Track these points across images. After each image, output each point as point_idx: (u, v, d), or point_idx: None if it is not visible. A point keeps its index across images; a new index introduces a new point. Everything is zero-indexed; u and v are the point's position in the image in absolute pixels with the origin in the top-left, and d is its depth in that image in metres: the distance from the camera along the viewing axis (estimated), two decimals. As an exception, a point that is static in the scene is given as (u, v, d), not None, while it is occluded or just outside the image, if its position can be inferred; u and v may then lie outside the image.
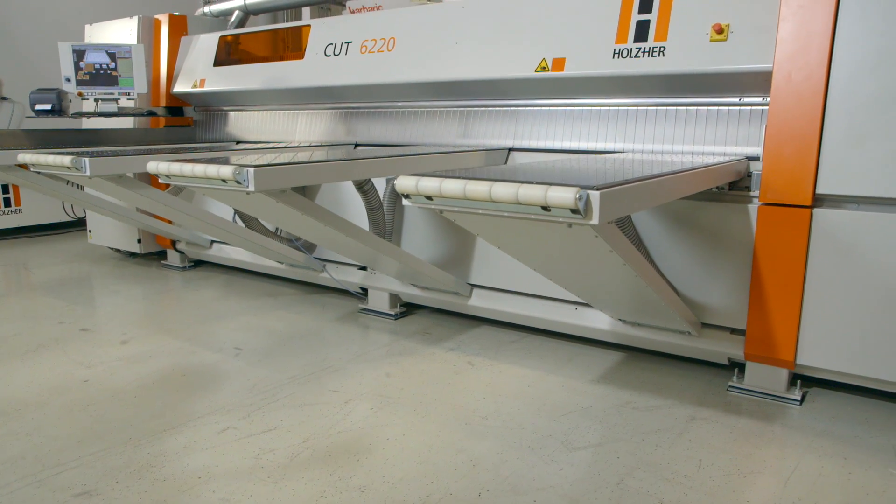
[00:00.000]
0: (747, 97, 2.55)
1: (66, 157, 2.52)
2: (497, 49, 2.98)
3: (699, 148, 2.68)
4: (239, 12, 4.38)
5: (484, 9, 3.07)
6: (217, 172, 1.96)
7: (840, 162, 2.20)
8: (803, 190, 2.25)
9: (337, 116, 3.73)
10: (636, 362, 2.80)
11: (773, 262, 2.33)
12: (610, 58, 2.67)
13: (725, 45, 2.45)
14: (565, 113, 2.97)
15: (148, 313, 3.54)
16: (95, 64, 3.75)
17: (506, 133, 3.14)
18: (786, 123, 2.26)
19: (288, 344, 3.04)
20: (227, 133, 4.27)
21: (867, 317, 2.21)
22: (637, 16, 2.64)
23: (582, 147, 2.92)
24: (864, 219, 2.18)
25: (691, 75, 2.53)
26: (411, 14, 3.29)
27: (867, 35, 2.12)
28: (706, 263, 2.55)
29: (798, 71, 2.23)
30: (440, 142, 3.34)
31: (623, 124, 2.84)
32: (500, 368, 2.74)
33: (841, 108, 2.18)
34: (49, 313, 3.51)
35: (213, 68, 4.09)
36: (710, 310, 2.57)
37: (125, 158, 2.59)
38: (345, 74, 3.45)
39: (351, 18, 3.52)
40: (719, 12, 2.49)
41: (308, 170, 2.08)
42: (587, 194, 1.32)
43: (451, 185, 1.47)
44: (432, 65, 3.16)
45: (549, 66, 2.81)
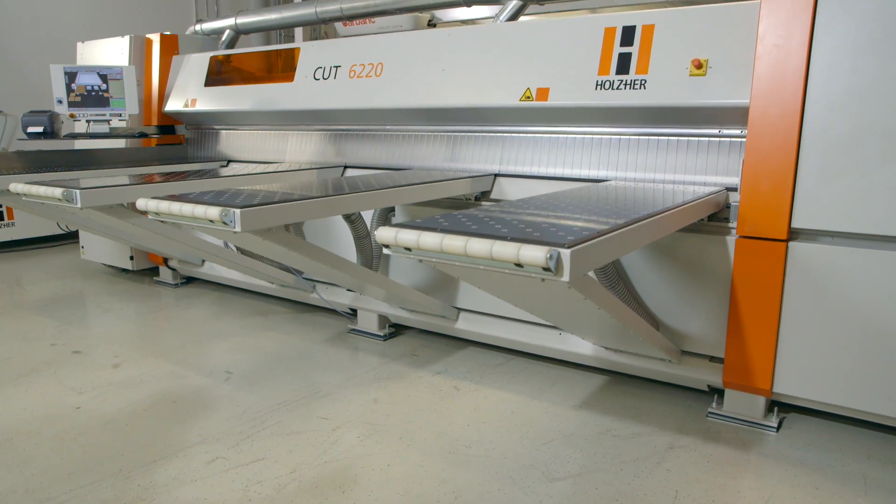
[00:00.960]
0: (726, 129, 2.61)
1: (56, 189, 2.56)
2: (482, 77, 3.03)
3: (680, 177, 2.74)
4: (230, 32, 4.42)
5: (469, 37, 3.12)
6: (204, 213, 2.00)
7: (814, 197, 2.25)
8: (779, 224, 2.31)
9: (327, 137, 3.78)
10: (618, 386, 2.86)
11: (751, 293, 2.38)
12: (593, 89, 2.73)
13: (704, 80, 2.51)
14: (550, 140, 3.02)
15: (140, 334, 3.58)
16: (87, 85, 3.78)
17: (492, 158, 3.19)
18: (762, 159, 2.31)
19: (278, 367, 3.09)
20: (218, 151, 4.31)
21: (841, 348, 2.26)
22: (619, 48, 2.70)
23: (567, 174, 2.98)
24: (837, 253, 2.24)
25: (672, 108, 2.59)
26: (398, 40, 3.34)
27: (840, 75, 2.18)
28: (686, 293, 2.60)
29: (773, 108, 2.29)
30: (428, 164, 3.39)
31: (607, 152, 2.89)
32: (486, 393, 2.79)
33: (815, 145, 2.24)
34: (42, 334, 3.55)
35: (204, 88, 4.13)
36: (690, 338, 2.63)
37: (116, 190, 2.63)
38: (334, 98, 3.49)
39: (340, 43, 3.57)
40: (698, 48, 2.54)
41: (293, 208, 2.13)
42: (557, 253, 1.37)
43: (429, 238, 1.52)
44: (419, 91, 3.21)
45: (533, 96, 2.86)
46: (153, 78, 4.36)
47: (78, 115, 3.77)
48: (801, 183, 2.27)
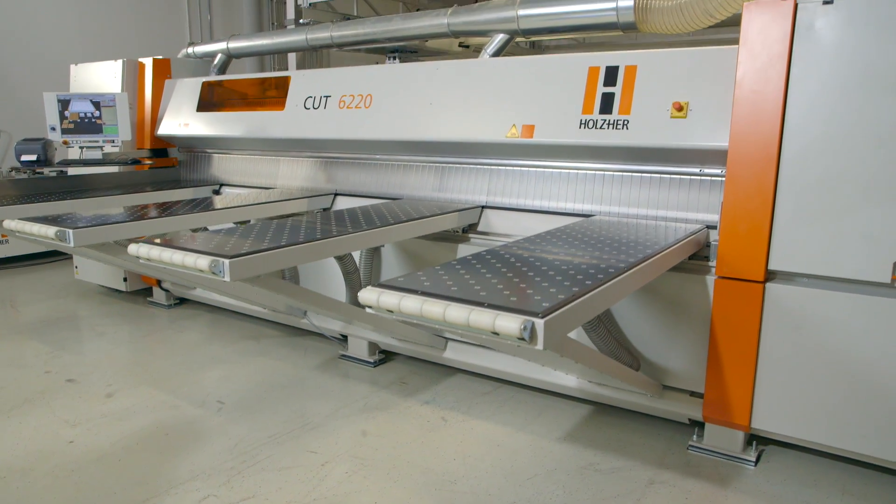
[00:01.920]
0: (707, 168, 2.67)
1: (50, 228, 2.60)
2: (469, 112, 3.08)
3: (663, 213, 2.80)
4: (222, 55, 4.46)
5: (456, 71, 3.17)
6: (194, 263, 2.05)
7: (790, 240, 2.31)
8: (756, 266, 2.37)
9: (318, 164, 3.83)
10: (603, 417, 2.92)
11: (729, 332, 2.44)
12: (577, 127, 2.78)
13: (685, 122, 2.57)
14: (536, 173, 3.08)
15: (133, 359, 3.62)
16: (80, 112, 3.82)
17: (479, 189, 3.25)
18: (740, 202, 2.37)
19: (269, 396, 3.14)
20: (210, 175, 4.35)
21: (817, 387, 2.33)
22: (603, 88, 2.75)
23: (553, 207, 3.03)
24: (813, 295, 2.30)
25: (654, 149, 2.65)
26: (387, 72, 3.39)
27: (815, 122, 2.24)
28: (667, 329, 2.66)
29: (751, 152, 2.35)
30: (417, 193, 3.44)
31: (591, 186, 2.95)
32: (472, 425, 2.85)
33: (791, 190, 2.30)
34: (36, 360, 3.59)
35: (197, 113, 4.17)
36: (671, 373, 2.69)
37: (108, 228, 2.67)
38: (324, 128, 3.54)
39: (330, 72, 3.62)
40: (679, 89, 2.60)
41: (282, 255, 2.18)
42: (531, 324, 1.43)
43: (409, 302, 1.57)
44: (408, 124, 3.26)
45: (518, 133, 2.91)
46: (146, 101, 4.40)
47: (71, 141, 3.81)
48: (778, 226, 2.33)
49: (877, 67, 2.14)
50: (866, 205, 2.18)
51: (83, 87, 4.53)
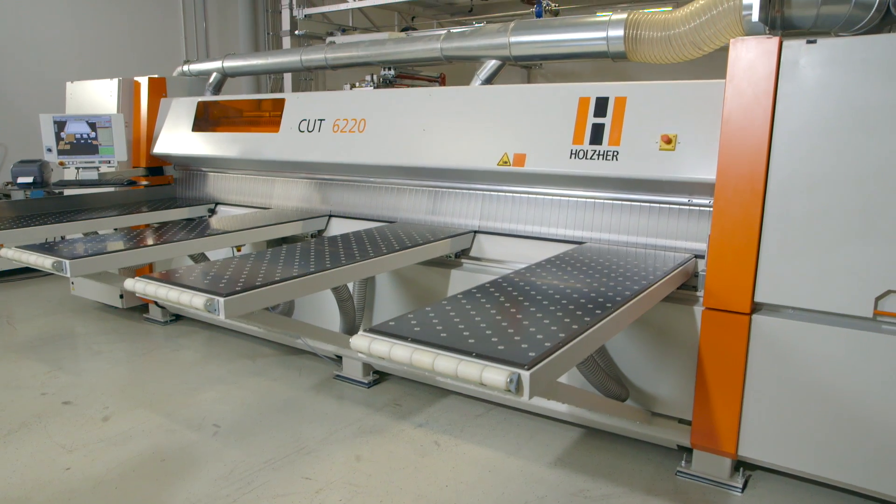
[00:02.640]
0: (695, 199, 2.71)
1: (47, 259, 2.64)
2: (461, 139, 3.12)
3: (652, 240, 2.84)
4: (217, 74, 4.49)
5: (448, 98, 3.21)
6: (190, 301, 2.09)
7: (776, 274, 2.36)
8: (743, 298, 2.41)
9: (312, 185, 3.86)
10: (593, 441, 2.96)
11: (716, 361, 2.49)
12: (568, 157, 2.82)
13: (673, 155, 2.61)
14: (528, 199, 3.12)
15: (130, 380, 3.65)
16: (76, 134, 3.85)
17: (472, 213, 3.29)
18: (727, 235, 2.41)
19: (264, 419, 3.17)
20: (206, 193, 4.38)
21: (803, 418, 2.37)
22: (593, 118, 2.79)
23: (544, 233, 3.07)
24: (798, 328, 2.34)
25: (643, 180, 2.69)
26: (381, 97, 3.43)
27: (799, 158, 2.28)
28: (656, 358, 2.70)
29: (737, 186, 2.39)
30: (411, 216, 3.48)
31: (582, 213, 2.99)
32: (465, 450, 2.89)
33: (776, 224, 2.34)
34: (32, 382, 3.62)
35: (192, 133, 4.20)
36: (659, 400, 2.73)
37: (104, 258, 2.71)
38: (318, 151, 3.58)
39: (324, 96, 3.65)
40: (668, 122, 2.65)
41: (276, 291, 2.22)
42: (518, 376, 1.47)
43: (400, 351, 1.61)
44: (401, 149, 3.29)
45: (510, 161, 2.95)
46: (142, 120, 4.42)
47: (67, 162, 3.84)
48: (764, 259, 2.38)
49: (858, 107, 2.19)
50: (849, 241, 2.23)
51: (79, 104, 4.55)
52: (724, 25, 2.64)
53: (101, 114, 3.89)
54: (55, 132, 3.81)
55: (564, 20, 3.09)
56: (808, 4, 2.46)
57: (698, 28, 2.68)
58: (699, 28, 2.68)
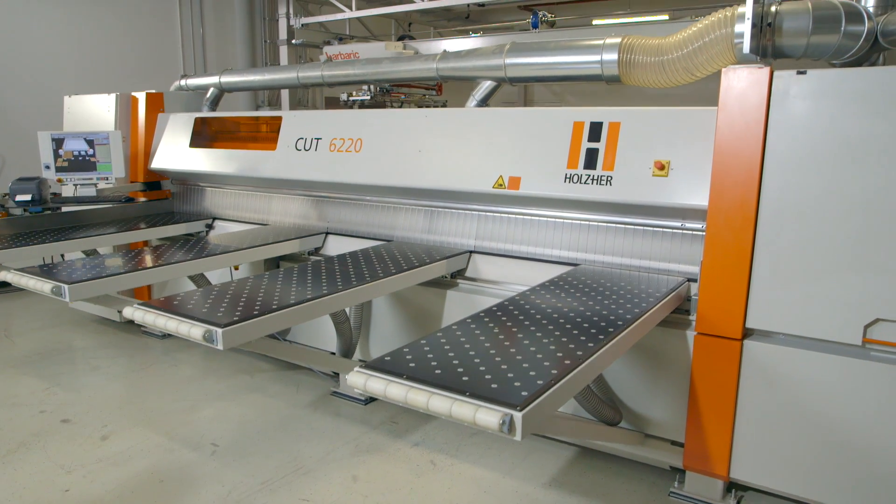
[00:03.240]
0: (688, 223, 2.75)
1: (46, 284, 2.66)
2: (457, 161, 3.15)
3: (646, 263, 2.88)
4: (214, 90, 4.51)
5: (444, 119, 3.24)
6: (188, 332, 2.11)
7: (767, 300, 2.39)
8: (734, 324, 2.45)
9: (309, 202, 3.89)
10: (587, 460, 2.99)
11: (708, 386, 2.52)
12: (562, 181, 2.85)
13: (666, 181, 2.64)
14: (523, 220, 3.15)
15: (128, 397, 3.67)
16: (74, 151, 3.87)
17: (468, 232, 3.31)
18: (719, 262, 2.45)
19: (262, 437, 3.20)
20: (203, 208, 4.41)
21: (793, 441, 2.41)
22: (587, 143, 2.82)
23: (539, 254, 3.11)
24: (789, 353, 2.38)
25: (636, 205, 2.72)
26: (377, 117, 3.45)
27: (790, 187, 2.31)
28: (649, 380, 2.74)
29: (729, 213, 2.42)
30: (407, 234, 3.51)
31: (577, 234, 3.02)
32: (460, 469, 2.92)
33: (767, 251, 2.37)
34: (30, 399, 3.64)
35: (190, 148, 4.22)
36: (653, 422, 2.76)
37: (103, 282, 2.73)
38: (315, 170, 3.60)
39: (321, 114, 3.68)
40: (661, 148, 2.68)
41: (274, 319, 2.24)
42: (510, 417, 1.50)
43: (395, 390, 1.64)
44: (397, 170, 3.32)
45: (505, 184, 2.98)
46: (139, 135, 4.44)
47: (65, 179, 3.86)
48: (755, 286, 2.41)
49: (846, 138, 2.22)
50: (838, 269, 2.26)
51: (76, 118, 4.57)
52: (716, 52, 2.67)
53: (98, 131, 3.92)
54: (53, 149, 3.83)
55: (559, 43, 3.12)
56: (799, 34, 2.50)
57: (691, 54, 2.72)
58: (692, 54, 2.71)
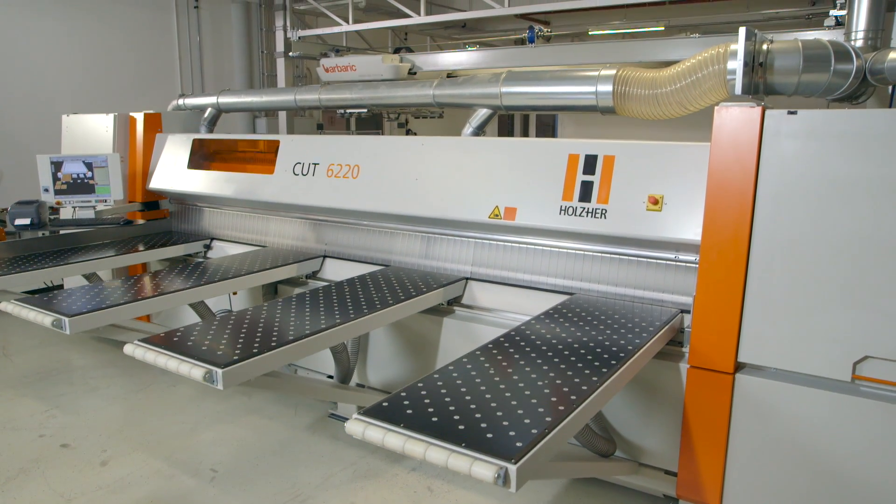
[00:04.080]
0: (682, 255, 2.79)
1: (47, 317, 2.69)
2: (454, 190, 3.19)
3: (640, 293, 2.92)
4: (212, 110, 4.54)
5: (441, 148, 3.28)
6: (189, 372, 2.15)
7: (758, 335, 2.43)
8: (726, 357, 2.49)
9: (307, 224, 3.92)
10: (582, 486, 3.03)
11: (701, 418, 2.56)
12: (557, 213, 2.89)
13: (660, 216, 2.68)
14: (519, 248, 3.18)
15: (127, 419, 3.70)
16: (73, 174, 3.89)
17: (465, 258, 3.35)
18: (711, 297, 2.49)
19: (261, 463, 3.23)
20: (201, 227, 4.43)
21: (784, 474, 2.45)
22: (582, 175, 2.86)
23: (535, 281, 3.14)
24: (779, 388, 2.42)
25: (630, 238, 2.76)
26: (374, 144, 3.49)
27: (781, 225, 2.35)
28: (643, 411, 2.77)
29: (721, 249, 2.46)
30: (404, 259, 3.55)
31: (572, 263, 3.06)
32: (457, 496, 2.96)
33: (759, 287, 2.41)
34: (30, 422, 3.66)
35: (187, 170, 4.25)
36: (646, 451, 2.80)
37: (103, 313, 2.76)
38: (312, 195, 3.63)
39: (317, 139, 3.71)
40: (655, 182, 2.72)
41: (273, 357, 2.28)
42: (505, 470, 1.53)
43: (393, 440, 1.68)
44: (394, 197, 3.36)
45: (501, 215, 3.02)
46: (137, 155, 4.47)
47: (64, 202, 3.89)
48: (747, 321, 2.45)
49: (835, 178, 2.26)
50: (828, 306, 2.30)
51: (75, 138, 4.60)
52: (709, 87, 2.71)
53: (97, 154, 3.94)
54: (52, 172, 3.85)
55: (555, 73, 3.16)
56: (790, 73, 2.54)
57: (684, 88, 2.76)
58: (685, 88, 2.76)
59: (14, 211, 3.74)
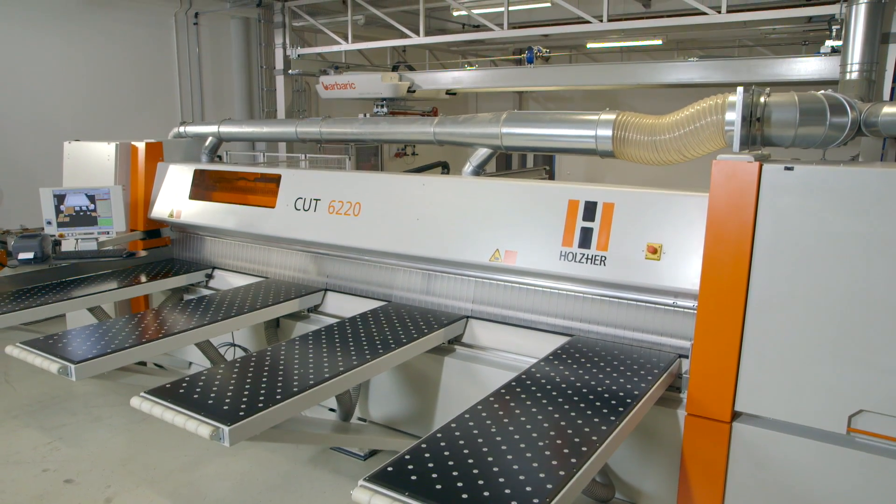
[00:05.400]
0: (680, 301, 2.83)
1: (53, 363, 2.73)
2: (454, 232, 3.22)
3: (639, 336, 2.96)
4: (213, 138, 4.57)
5: (442, 188, 3.32)
6: (196, 429, 2.18)
7: (755, 386, 2.48)
8: (724, 407, 2.53)
9: (309, 257, 3.95)
10: (582, 526, 3.07)
11: (698, 464, 2.60)
12: (557, 259, 2.93)
13: (659, 265, 2.72)
14: (520, 288, 3.22)
15: (131, 452, 3.72)
16: (75, 206, 3.92)
17: (465, 295, 3.39)
18: (709, 346, 2.53)
19: (264, 498, 3.26)
20: (203, 256, 4.46)
21: (779, 522, 2.49)
22: (582, 222, 2.90)
23: (535, 321, 3.18)
24: (775, 438, 2.46)
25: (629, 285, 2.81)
26: (375, 181, 3.52)
27: (777, 277, 2.40)
28: (641, 455, 2.82)
29: (719, 300, 2.50)
30: (405, 295, 3.59)
31: (571, 304, 3.10)
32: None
33: (755, 338, 2.45)
34: (33, 455, 3.69)
35: (189, 200, 4.27)
36: (644, 495, 2.84)
37: (109, 358, 2.79)
38: (314, 231, 3.67)
39: (319, 175, 3.75)
40: (654, 231, 2.76)
41: (280, 411, 2.32)
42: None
43: (400, 514, 1.71)
44: (395, 236, 3.40)
45: (501, 258, 3.06)
46: (139, 183, 4.49)
47: (67, 234, 3.91)
48: (744, 371, 2.49)
49: (831, 233, 2.31)
50: (823, 359, 2.35)
51: (76, 166, 4.62)
52: (707, 136, 2.75)
53: (100, 186, 3.97)
54: (55, 205, 3.88)
55: (555, 115, 3.20)
56: (787, 126, 2.58)
57: (683, 137, 2.80)
58: (684, 137, 2.80)
59: (18, 245, 3.77)
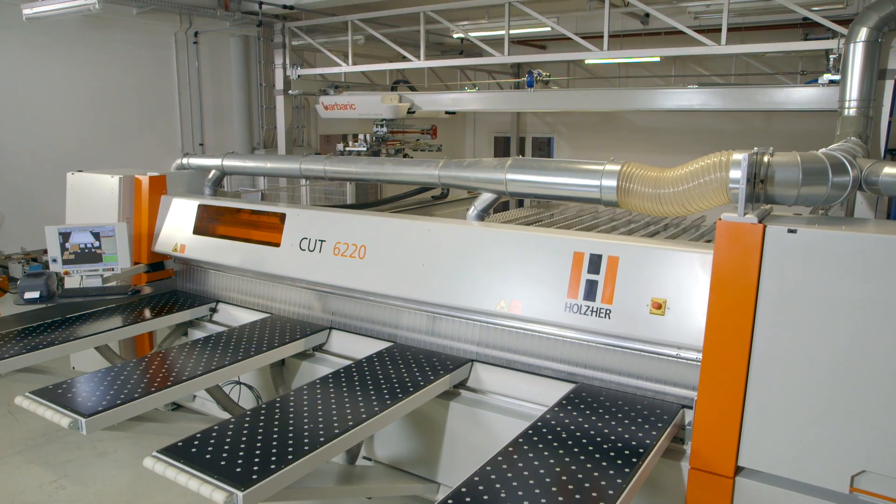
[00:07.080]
0: (683, 353, 2.87)
1: (64, 417, 2.75)
2: (460, 279, 3.25)
3: (643, 384, 3.00)
4: (216, 172, 4.58)
5: (447, 234, 3.35)
6: (210, 495, 2.21)
7: (757, 442, 2.52)
8: (727, 462, 2.57)
9: (313, 294, 3.97)
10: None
11: (702, 517, 2.65)
12: (562, 310, 2.97)
13: (663, 320, 2.76)
14: (524, 334, 3.25)
15: (136, 490, 3.74)
16: (81, 244, 3.93)
17: (470, 337, 3.42)
18: (713, 402, 2.57)
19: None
20: (207, 289, 4.48)
21: (781, 577, 2.54)
22: (587, 274, 2.94)
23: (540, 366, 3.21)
24: (778, 494, 2.51)
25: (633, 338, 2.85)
26: (381, 224, 3.56)
27: (780, 337, 2.44)
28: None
29: (722, 357, 2.54)
30: (410, 335, 3.61)
31: (576, 351, 3.14)
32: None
33: (759, 395, 2.50)
34: (38, 494, 3.70)
35: (193, 235, 4.29)
36: (649, 545, 2.88)
37: (119, 410, 2.83)
38: (319, 272, 3.70)
39: (325, 215, 3.77)
40: (658, 286, 2.80)
41: (292, 471, 2.35)
42: None
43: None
44: (400, 281, 3.43)
45: (507, 307, 3.09)
46: (143, 216, 4.51)
47: (72, 271, 3.93)
48: (747, 427, 2.54)
49: (833, 296, 2.35)
50: (826, 419, 2.39)
51: (79, 198, 4.63)
52: (710, 191, 2.79)
53: (104, 224, 3.98)
54: (60, 243, 3.89)
55: (560, 164, 3.23)
56: (790, 185, 2.62)
57: (687, 192, 2.84)
58: (687, 192, 2.84)
59: (24, 284, 3.78)
